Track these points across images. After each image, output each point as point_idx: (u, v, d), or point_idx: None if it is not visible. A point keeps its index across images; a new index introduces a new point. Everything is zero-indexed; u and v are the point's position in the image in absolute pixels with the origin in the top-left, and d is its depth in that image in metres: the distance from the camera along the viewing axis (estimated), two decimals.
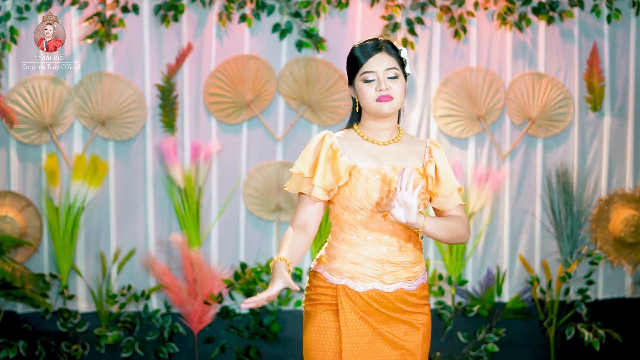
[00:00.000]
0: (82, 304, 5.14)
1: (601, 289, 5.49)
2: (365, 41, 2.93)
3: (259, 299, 2.70)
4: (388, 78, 2.87)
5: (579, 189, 5.40)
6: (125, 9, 5.03)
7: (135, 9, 5.04)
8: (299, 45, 5.12)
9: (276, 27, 5.13)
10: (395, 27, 5.16)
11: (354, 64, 2.91)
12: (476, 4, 5.24)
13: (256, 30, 5.16)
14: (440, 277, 5.20)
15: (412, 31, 5.20)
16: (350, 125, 2.98)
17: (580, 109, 5.39)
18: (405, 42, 5.18)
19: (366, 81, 2.88)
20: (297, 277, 5.04)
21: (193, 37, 5.11)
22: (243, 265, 5.10)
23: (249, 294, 5.00)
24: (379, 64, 2.87)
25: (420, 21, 5.20)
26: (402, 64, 2.92)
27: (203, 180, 5.12)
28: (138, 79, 5.11)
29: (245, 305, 2.69)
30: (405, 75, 2.94)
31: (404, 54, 2.93)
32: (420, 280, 2.96)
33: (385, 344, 2.88)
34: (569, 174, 5.37)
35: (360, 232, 2.89)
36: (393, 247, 2.89)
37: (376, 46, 2.89)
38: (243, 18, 5.11)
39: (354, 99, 2.96)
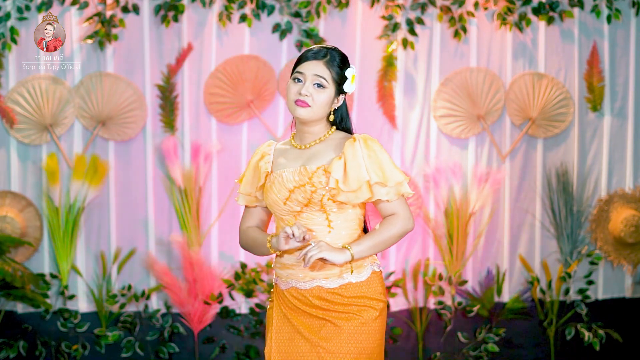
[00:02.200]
0: (82, 304, 5.13)
1: (601, 289, 5.49)
2: (316, 46, 2.98)
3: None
4: (314, 85, 2.89)
5: (579, 189, 5.40)
6: (125, 9, 5.03)
7: (136, 9, 5.04)
8: (299, 45, 5.12)
9: (276, 27, 5.13)
10: (395, 27, 5.16)
11: (295, 63, 2.97)
12: (476, 4, 5.24)
13: (256, 31, 5.16)
14: (441, 277, 5.19)
15: (412, 31, 5.20)
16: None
17: (580, 109, 5.39)
18: (405, 42, 5.18)
19: (295, 80, 2.92)
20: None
21: (193, 37, 5.11)
22: (243, 265, 5.10)
23: (249, 294, 5.01)
24: (310, 69, 2.90)
25: (420, 21, 5.20)
26: (339, 80, 2.92)
27: (203, 180, 5.12)
28: (138, 79, 5.11)
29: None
30: (340, 92, 2.93)
31: (348, 72, 2.93)
32: (348, 279, 2.91)
33: (303, 341, 2.92)
34: (569, 174, 5.37)
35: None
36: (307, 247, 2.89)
37: (318, 53, 2.91)
38: (243, 18, 5.11)
39: None
